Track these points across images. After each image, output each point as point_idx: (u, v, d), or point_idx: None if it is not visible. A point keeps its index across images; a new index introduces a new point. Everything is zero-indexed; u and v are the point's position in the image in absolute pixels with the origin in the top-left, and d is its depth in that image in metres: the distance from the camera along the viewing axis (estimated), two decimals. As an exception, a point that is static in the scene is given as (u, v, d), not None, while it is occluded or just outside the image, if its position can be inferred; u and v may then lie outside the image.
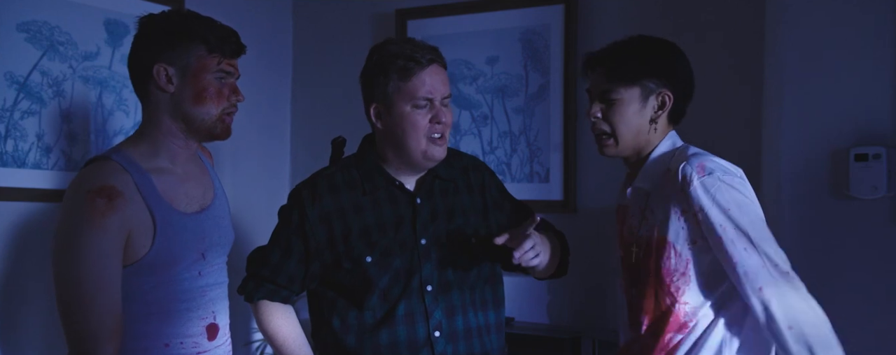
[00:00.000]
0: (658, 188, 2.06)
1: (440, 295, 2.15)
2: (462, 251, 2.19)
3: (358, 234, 2.15)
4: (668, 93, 2.07)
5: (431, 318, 2.13)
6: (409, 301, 2.13)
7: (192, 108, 1.96)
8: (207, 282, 2.04)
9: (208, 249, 2.04)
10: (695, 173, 1.97)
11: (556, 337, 3.24)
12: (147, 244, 1.91)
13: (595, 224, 3.44)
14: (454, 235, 2.19)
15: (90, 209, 1.85)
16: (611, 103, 2.08)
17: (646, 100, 2.07)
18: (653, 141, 2.10)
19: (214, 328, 2.07)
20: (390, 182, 2.19)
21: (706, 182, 1.96)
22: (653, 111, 2.08)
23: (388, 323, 2.13)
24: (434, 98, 2.12)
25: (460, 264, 2.18)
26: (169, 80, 1.95)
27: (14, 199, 3.06)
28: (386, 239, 2.15)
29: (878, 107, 2.65)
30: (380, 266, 2.13)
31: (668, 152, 2.09)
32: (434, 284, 2.15)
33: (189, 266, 1.99)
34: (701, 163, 1.98)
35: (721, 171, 1.98)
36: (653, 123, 2.08)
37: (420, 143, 2.12)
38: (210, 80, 1.97)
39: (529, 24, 3.58)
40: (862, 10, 2.68)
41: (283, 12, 4.14)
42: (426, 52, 2.13)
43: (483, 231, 2.23)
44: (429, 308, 2.14)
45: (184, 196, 2.00)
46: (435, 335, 2.13)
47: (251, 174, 3.92)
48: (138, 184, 1.92)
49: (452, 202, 2.22)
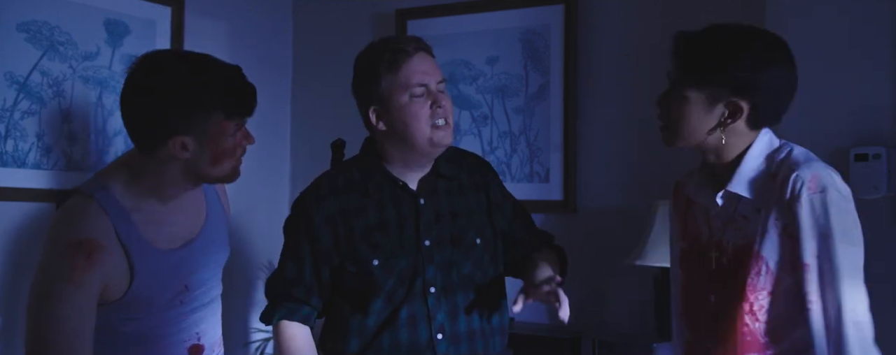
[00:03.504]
0: (759, 195, 1.88)
1: (443, 297, 2.13)
2: (465, 253, 2.17)
3: (361, 235, 2.13)
4: (742, 103, 1.84)
5: (434, 321, 2.12)
6: (412, 303, 2.11)
7: (210, 169, 1.88)
8: (191, 307, 1.98)
9: (192, 280, 1.97)
10: (805, 187, 1.81)
11: (556, 337, 3.24)
12: (123, 286, 1.85)
13: (595, 224, 3.44)
14: (458, 236, 2.17)
15: (69, 266, 1.78)
16: (676, 97, 1.89)
17: (712, 106, 1.85)
18: (735, 148, 1.90)
19: (198, 349, 2.00)
20: (393, 182, 2.16)
21: (815, 200, 1.80)
22: (720, 118, 1.86)
23: (391, 326, 2.12)
24: (429, 83, 2.09)
25: (464, 266, 2.16)
26: (184, 148, 1.84)
27: (14, 199, 3.06)
28: (389, 240, 2.13)
29: (878, 107, 2.65)
30: (385, 268, 2.11)
31: (769, 154, 1.90)
32: (437, 286, 2.13)
33: (169, 300, 1.93)
34: (816, 176, 1.82)
35: (834, 190, 1.81)
36: (719, 129, 1.87)
37: (425, 132, 2.09)
38: (228, 143, 1.87)
39: (529, 24, 3.58)
40: (862, 10, 2.68)
41: (283, 12, 4.14)
42: (410, 42, 2.12)
43: (487, 231, 2.21)
44: (431, 310, 2.12)
45: (167, 232, 1.92)
46: (437, 338, 2.12)
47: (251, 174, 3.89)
48: (117, 228, 1.84)
49: (456, 202, 2.20)
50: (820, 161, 1.88)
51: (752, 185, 1.88)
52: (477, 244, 2.18)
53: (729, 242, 1.92)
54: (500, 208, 2.26)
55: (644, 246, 3.06)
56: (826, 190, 1.80)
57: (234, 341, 3.82)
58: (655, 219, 3.06)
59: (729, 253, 1.92)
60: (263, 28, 4.01)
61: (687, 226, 2.03)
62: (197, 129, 1.82)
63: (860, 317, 1.84)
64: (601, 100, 3.46)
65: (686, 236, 2.03)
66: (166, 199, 1.92)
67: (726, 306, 1.92)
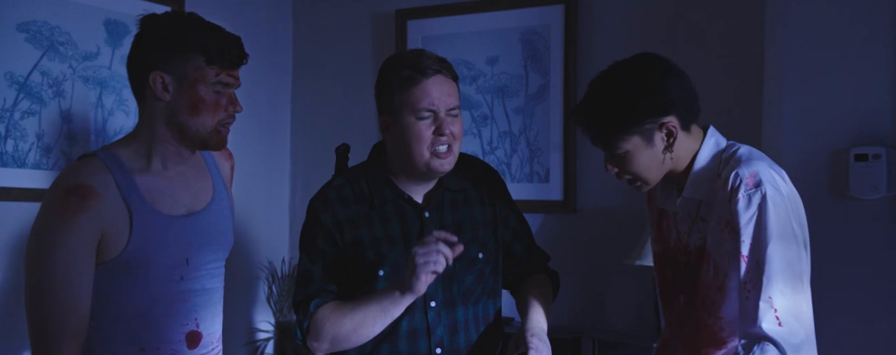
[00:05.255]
0: (709, 195, 1.93)
1: (443, 311, 2.12)
2: (467, 267, 2.14)
3: (368, 246, 2.12)
4: (670, 122, 1.91)
5: (433, 335, 2.11)
6: (412, 317, 2.10)
7: (187, 119, 1.92)
8: (191, 288, 1.98)
9: (194, 254, 1.98)
10: (743, 184, 1.84)
11: (557, 337, 3.24)
12: (122, 243, 1.88)
13: (595, 224, 3.44)
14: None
15: (62, 207, 1.83)
16: (619, 158, 1.94)
17: (651, 141, 1.91)
18: (684, 155, 1.96)
19: (196, 336, 2.00)
20: (399, 195, 2.14)
21: (752, 195, 1.83)
22: (663, 143, 1.92)
23: (391, 339, 2.10)
24: (437, 109, 2.05)
25: (465, 280, 2.14)
26: (165, 89, 1.91)
27: (14, 199, 3.06)
28: (395, 252, 2.11)
29: (878, 107, 2.65)
30: (390, 281, 2.09)
31: (715, 154, 1.96)
32: (438, 300, 2.12)
33: (168, 269, 1.94)
34: (754, 172, 1.85)
35: (771, 186, 1.84)
36: (668, 152, 1.93)
37: (423, 156, 2.06)
38: (207, 92, 1.91)
39: (529, 24, 3.58)
40: (861, 10, 2.68)
41: (283, 12, 4.14)
42: (432, 63, 2.07)
43: (490, 244, 2.19)
44: (431, 324, 2.11)
45: (169, 198, 1.95)
46: (436, 352, 2.11)
47: (251, 174, 3.91)
48: (119, 184, 1.89)
49: (462, 215, 2.18)
50: (765, 159, 1.91)
51: (705, 188, 1.94)
52: (479, 258, 2.16)
53: (693, 244, 1.98)
54: (505, 221, 2.24)
55: (644, 246, 3.06)
56: (761, 185, 1.83)
57: (235, 341, 3.82)
58: (655, 219, 3.07)
59: (693, 254, 1.97)
60: (263, 28, 4.01)
61: (660, 232, 2.09)
62: (176, 70, 1.90)
63: (786, 316, 1.81)
64: (601, 100, 3.46)
65: (659, 240, 2.10)
66: (167, 163, 1.97)
67: (691, 305, 1.97)
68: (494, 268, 2.20)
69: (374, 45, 3.95)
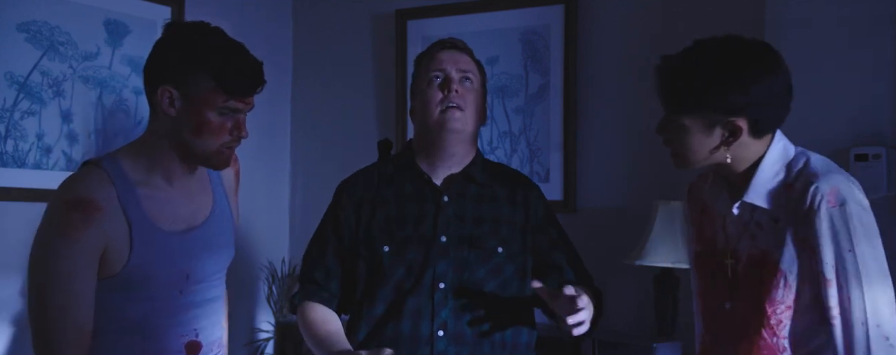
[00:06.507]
0: (777, 205, 1.84)
1: (451, 295, 2.13)
2: (482, 257, 2.15)
3: (379, 224, 2.17)
4: (740, 121, 1.80)
5: (437, 317, 2.12)
6: (418, 296, 2.12)
7: (191, 138, 1.88)
8: (191, 300, 1.97)
9: (194, 269, 1.97)
10: (825, 200, 1.76)
11: (557, 337, 3.23)
12: (123, 259, 1.86)
13: (595, 224, 3.44)
14: (477, 240, 2.16)
15: (65, 222, 1.81)
16: (673, 126, 1.85)
17: (710, 130, 1.82)
18: (747, 157, 1.86)
19: (195, 346, 1.99)
20: (419, 176, 2.20)
21: (834, 214, 1.76)
22: (721, 138, 1.83)
23: (395, 316, 2.13)
24: (447, 70, 2.15)
25: (478, 270, 2.15)
26: (171, 104, 1.86)
27: (14, 199, 3.06)
28: (405, 233, 2.15)
29: (878, 107, 2.65)
30: (396, 256, 2.14)
31: (783, 161, 1.87)
32: (447, 282, 2.13)
33: (168, 285, 1.93)
34: (835, 188, 1.78)
35: (854, 202, 1.77)
36: (723, 148, 1.83)
37: (434, 114, 2.13)
38: (213, 116, 1.87)
39: (529, 24, 3.58)
40: (861, 10, 2.68)
41: (283, 12, 4.14)
42: (447, 41, 2.22)
43: (514, 245, 2.18)
44: (436, 306, 2.12)
45: (170, 213, 1.93)
46: (438, 334, 2.11)
47: (251, 174, 3.90)
48: (121, 197, 1.86)
49: (484, 209, 2.19)
50: (840, 171, 1.85)
51: (768, 196, 1.85)
52: (498, 252, 2.16)
53: (743, 251, 1.89)
54: (544, 231, 2.24)
55: (644, 246, 3.06)
56: (845, 203, 1.77)
57: (235, 341, 3.82)
58: (655, 219, 3.06)
59: (743, 261, 1.89)
60: (263, 28, 4.01)
61: (703, 231, 2.00)
62: (186, 88, 1.85)
63: (883, 321, 1.78)
64: (601, 100, 3.46)
65: (700, 240, 2.01)
66: (171, 177, 1.94)
67: (742, 314, 1.89)
68: (519, 271, 2.19)
69: (374, 46, 3.96)
